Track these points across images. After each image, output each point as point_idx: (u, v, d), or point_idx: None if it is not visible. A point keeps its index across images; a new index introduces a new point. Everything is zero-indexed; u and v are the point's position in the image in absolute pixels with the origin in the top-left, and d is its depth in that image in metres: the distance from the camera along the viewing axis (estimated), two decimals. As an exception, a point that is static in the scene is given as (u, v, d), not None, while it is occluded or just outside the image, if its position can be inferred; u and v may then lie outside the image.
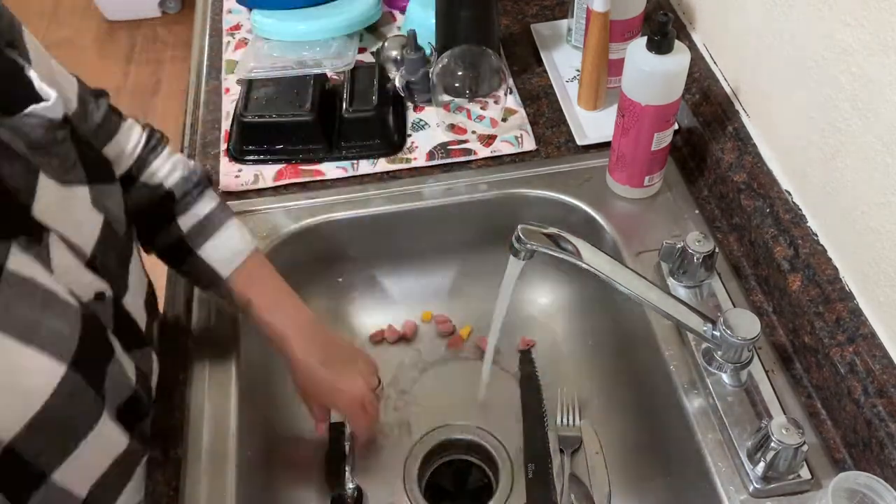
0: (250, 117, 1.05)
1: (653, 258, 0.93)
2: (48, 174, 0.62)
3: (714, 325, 0.78)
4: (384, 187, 1.04)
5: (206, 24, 1.32)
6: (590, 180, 1.03)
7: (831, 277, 0.80)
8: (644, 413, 0.95)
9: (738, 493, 0.75)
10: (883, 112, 0.70)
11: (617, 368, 1.02)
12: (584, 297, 1.08)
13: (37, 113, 0.61)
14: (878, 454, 0.71)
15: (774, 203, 0.88)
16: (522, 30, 1.26)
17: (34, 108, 0.61)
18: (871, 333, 0.75)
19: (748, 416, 0.78)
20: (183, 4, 3.14)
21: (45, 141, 0.62)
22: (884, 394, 0.71)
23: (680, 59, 0.87)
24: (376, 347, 1.09)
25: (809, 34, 0.80)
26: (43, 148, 0.62)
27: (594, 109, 1.11)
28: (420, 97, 1.13)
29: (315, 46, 1.22)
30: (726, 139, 0.97)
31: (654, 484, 0.92)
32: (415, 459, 0.97)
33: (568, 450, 0.96)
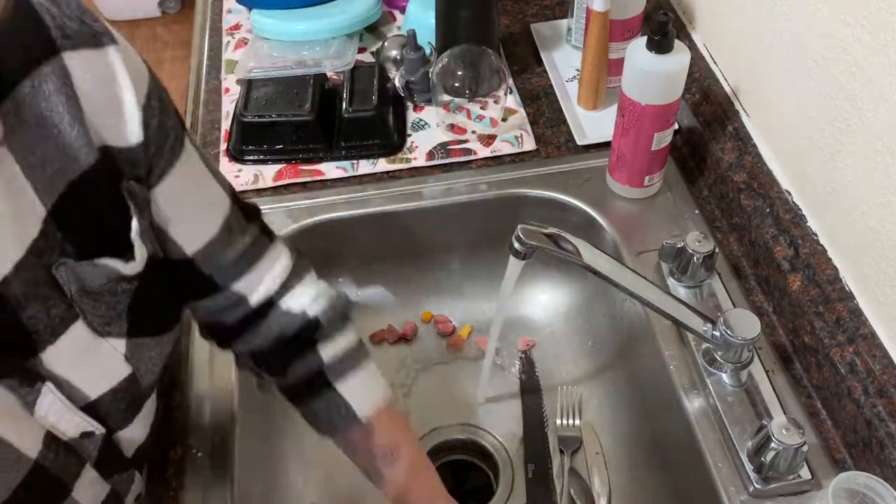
0: (250, 117, 1.05)
1: (653, 258, 0.93)
2: (86, 322, 0.55)
3: (714, 325, 0.78)
4: (384, 187, 1.04)
5: (206, 24, 1.32)
6: (590, 180, 1.03)
7: (831, 277, 0.80)
8: (644, 413, 0.95)
9: (738, 493, 0.75)
10: (883, 112, 0.70)
11: (617, 368, 1.02)
12: (584, 297, 1.08)
13: (106, 265, 0.55)
14: (878, 454, 0.71)
15: (774, 203, 0.88)
16: (522, 30, 1.26)
17: (107, 262, 0.55)
18: (871, 333, 0.75)
19: (748, 416, 0.78)
20: (183, 4, 3.14)
21: (102, 290, 0.55)
22: (884, 394, 0.71)
23: (680, 59, 0.87)
24: (376, 347, 1.09)
25: (809, 34, 0.80)
26: (94, 295, 0.55)
27: (594, 109, 1.11)
28: (420, 97, 1.13)
29: (315, 46, 1.22)
30: (726, 139, 0.97)
31: (655, 484, 0.92)
32: (415, 459, 0.97)
33: (568, 450, 0.96)
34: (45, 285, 0.52)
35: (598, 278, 0.75)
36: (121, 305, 0.57)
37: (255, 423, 0.90)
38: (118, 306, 0.57)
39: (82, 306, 0.55)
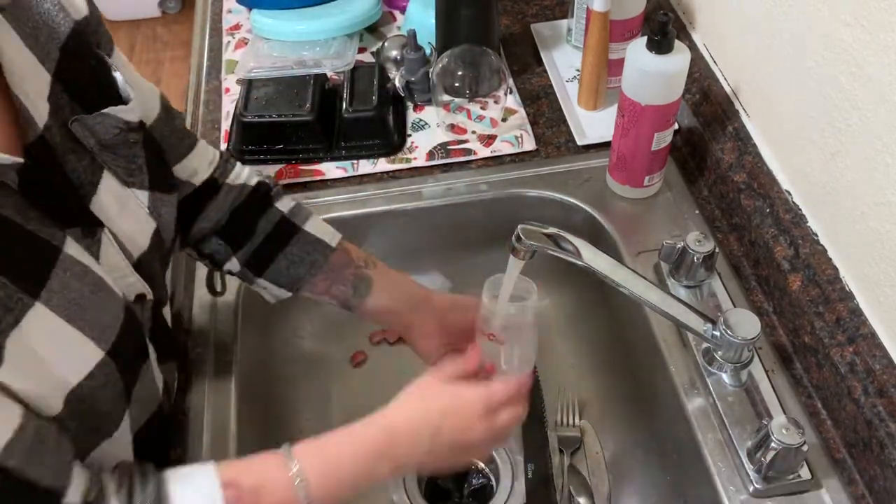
0: (250, 117, 1.05)
1: (653, 258, 0.93)
2: (112, 172, 0.64)
3: (714, 325, 0.78)
4: (384, 187, 1.04)
5: (206, 24, 1.33)
6: (590, 180, 1.03)
7: (831, 277, 0.80)
8: (644, 413, 0.95)
9: (738, 493, 0.75)
10: (883, 112, 0.70)
11: (617, 368, 1.02)
12: (584, 297, 1.08)
13: (113, 114, 0.63)
14: (878, 454, 0.71)
15: (774, 203, 0.88)
16: (522, 30, 1.26)
17: (112, 110, 0.63)
18: (871, 333, 0.75)
19: (748, 416, 0.78)
20: (183, 4, 3.14)
21: (116, 142, 0.64)
22: (884, 394, 0.71)
23: (680, 59, 0.87)
24: (376, 347, 1.09)
25: (809, 34, 0.80)
26: (112, 148, 0.64)
27: (594, 109, 1.11)
28: (420, 97, 1.13)
29: (315, 46, 1.22)
30: (726, 139, 0.97)
31: (655, 484, 0.92)
32: (415, 459, 0.97)
33: (568, 450, 0.96)
34: (70, 139, 0.61)
35: (598, 278, 0.75)
36: (138, 159, 0.66)
37: (254, 423, 0.90)
38: (136, 160, 0.66)
39: (104, 158, 0.64)
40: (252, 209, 0.81)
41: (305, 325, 1.09)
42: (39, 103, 0.59)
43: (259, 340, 0.99)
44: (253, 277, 0.83)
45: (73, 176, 0.61)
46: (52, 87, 0.61)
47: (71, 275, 0.57)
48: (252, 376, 0.92)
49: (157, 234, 0.69)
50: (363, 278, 0.83)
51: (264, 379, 0.98)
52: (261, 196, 0.82)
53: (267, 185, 0.83)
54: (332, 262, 0.82)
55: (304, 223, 0.82)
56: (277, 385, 1.01)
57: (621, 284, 0.75)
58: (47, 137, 0.59)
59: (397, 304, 0.84)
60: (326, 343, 1.09)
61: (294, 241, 0.81)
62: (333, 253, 0.82)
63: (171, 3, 3.11)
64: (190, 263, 0.98)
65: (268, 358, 1.02)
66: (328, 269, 0.82)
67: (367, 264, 0.83)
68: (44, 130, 0.59)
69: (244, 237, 0.81)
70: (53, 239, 0.57)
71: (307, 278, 0.82)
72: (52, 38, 0.62)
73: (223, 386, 0.86)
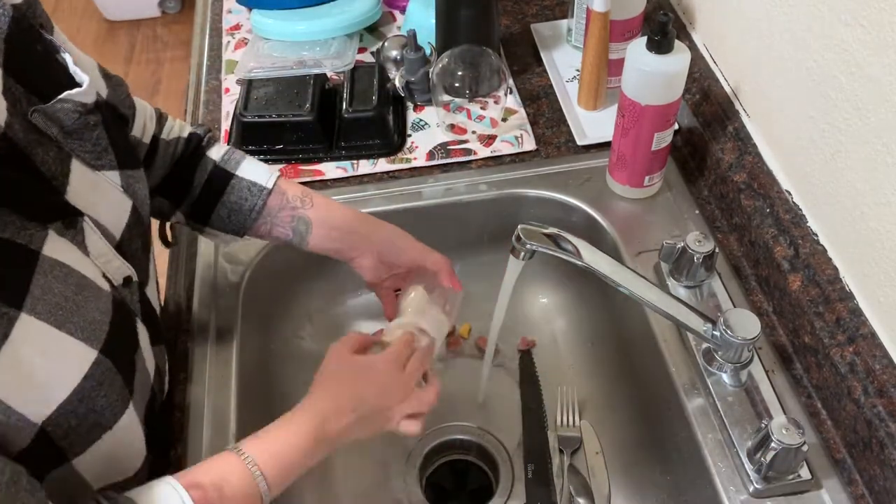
0: (250, 117, 1.05)
1: (653, 258, 0.93)
2: (80, 159, 0.64)
3: (714, 325, 0.78)
4: (384, 187, 1.04)
5: (206, 24, 1.33)
6: (590, 180, 1.03)
7: (831, 277, 0.80)
8: (644, 413, 0.95)
9: (738, 493, 0.75)
10: (883, 112, 0.70)
11: (617, 368, 1.02)
12: (584, 297, 1.08)
13: (70, 98, 0.62)
14: (878, 454, 0.71)
15: (774, 203, 0.88)
16: (522, 30, 1.26)
17: (68, 94, 0.62)
18: (871, 333, 0.75)
19: (748, 416, 0.78)
20: (183, 4, 3.14)
21: (78, 126, 0.63)
22: (884, 394, 0.71)
23: (680, 59, 0.87)
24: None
25: (809, 34, 0.80)
26: (75, 133, 0.63)
27: (594, 109, 1.11)
28: (420, 97, 1.13)
29: (315, 46, 1.22)
30: (726, 139, 0.97)
31: (655, 484, 0.92)
32: (415, 459, 0.97)
33: (568, 450, 0.96)
34: (33, 132, 0.60)
35: (598, 278, 0.75)
36: (103, 141, 0.66)
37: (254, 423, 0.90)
38: (101, 141, 0.66)
39: (70, 146, 0.63)
40: (187, 162, 0.82)
41: (305, 325, 1.09)
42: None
43: (259, 340, 0.99)
44: (200, 227, 0.85)
45: (44, 169, 0.60)
46: (4, 80, 0.59)
47: (52, 278, 0.57)
48: (252, 376, 0.92)
49: (134, 212, 0.69)
50: (301, 219, 0.84)
51: (264, 378, 0.98)
52: (194, 147, 0.83)
53: (198, 136, 0.84)
54: (269, 206, 0.83)
55: (237, 168, 0.83)
56: (277, 384, 1.01)
57: (621, 284, 0.75)
58: (10, 135, 0.58)
59: (337, 243, 0.86)
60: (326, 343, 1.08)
61: (229, 189, 0.82)
62: (270, 195, 0.83)
63: (171, 3, 3.11)
64: (190, 263, 0.98)
65: (268, 357, 1.02)
66: (266, 213, 0.83)
67: (303, 203, 0.84)
68: (5, 128, 0.57)
69: (183, 190, 0.82)
70: (31, 243, 0.57)
71: (249, 223, 0.83)
72: None
73: (223, 385, 0.86)
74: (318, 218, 0.84)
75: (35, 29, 0.64)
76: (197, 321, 0.92)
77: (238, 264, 0.97)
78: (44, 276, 0.56)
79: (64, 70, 0.65)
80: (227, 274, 0.97)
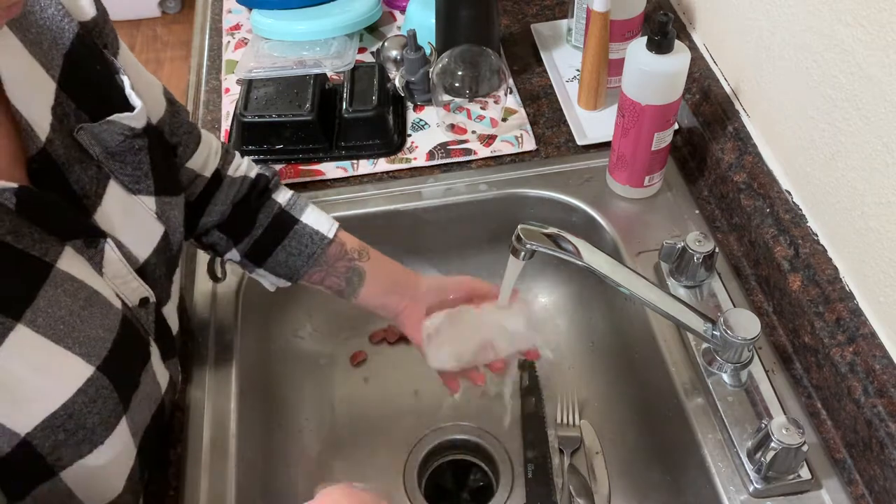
0: (250, 117, 1.05)
1: (653, 258, 0.93)
2: (118, 181, 0.64)
3: (714, 325, 0.78)
4: (384, 187, 1.04)
5: (206, 24, 1.33)
6: (590, 180, 1.03)
7: (831, 277, 0.80)
8: (644, 413, 0.95)
9: (738, 493, 0.75)
10: (883, 112, 0.70)
11: (617, 368, 1.02)
12: (584, 297, 1.08)
13: (118, 121, 0.63)
14: (878, 454, 0.71)
15: (774, 203, 0.88)
16: (522, 30, 1.26)
17: (118, 117, 0.63)
18: (871, 333, 0.75)
19: (748, 416, 0.78)
20: (183, 4, 3.14)
21: (122, 149, 0.64)
22: (884, 394, 0.71)
23: (680, 59, 0.87)
24: (376, 347, 1.09)
25: (809, 34, 0.80)
26: (118, 155, 0.64)
27: (594, 109, 1.11)
28: (420, 97, 1.13)
29: (315, 46, 1.22)
30: (726, 139, 0.97)
31: (654, 484, 0.92)
32: (415, 459, 0.97)
33: (568, 450, 0.96)
34: (75, 149, 0.60)
35: (598, 278, 0.75)
36: (144, 166, 0.66)
37: (254, 423, 0.90)
38: (142, 166, 0.66)
39: (111, 167, 0.63)
40: (252, 202, 0.82)
41: (305, 325, 1.09)
42: (42, 114, 0.58)
43: (259, 340, 0.99)
44: (253, 267, 0.84)
45: (77, 187, 0.60)
46: (57, 95, 0.60)
47: (62, 291, 0.57)
48: (252, 376, 0.92)
49: (164, 238, 0.69)
50: (356, 271, 0.84)
51: (264, 378, 0.98)
52: (261, 189, 0.83)
53: (266, 178, 0.84)
54: (327, 255, 0.83)
55: (302, 214, 0.83)
56: (277, 385, 1.01)
57: (621, 284, 0.75)
58: (49, 150, 0.58)
59: (388, 296, 0.86)
60: (326, 343, 1.09)
61: (292, 234, 0.82)
62: (330, 245, 0.83)
63: (171, 3, 3.11)
64: (190, 263, 0.98)
65: (268, 357, 1.02)
66: (323, 262, 0.83)
67: (360, 256, 0.85)
68: (45, 143, 0.58)
69: (244, 230, 0.82)
70: (46, 255, 0.57)
71: (304, 269, 0.83)
72: (55, 44, 0.61)
73: (223, 385, 0.86)
74: (372, 270, 0.85)
75: (97, 48, 0.65)
76: (197, 321, 0.92)
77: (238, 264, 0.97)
78: (53, 288, 0.57)
79: (119, 92, 0.65)
80: (227, 274, 0.97)
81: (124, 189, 0.65)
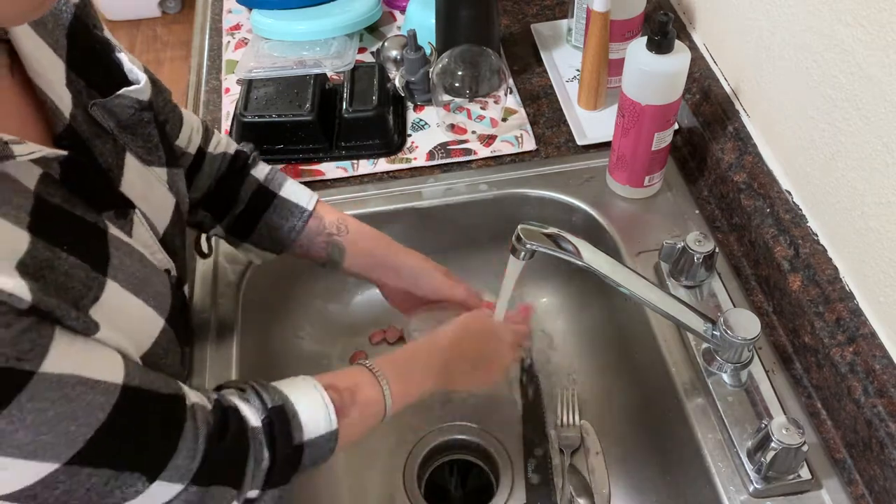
0: (250, 117, 1.05)
1: (653, 258, 0.93)
2: (133, 153, 0.67)
3: (714, 325, 0.78)
4: (384, 187, 1.04)
5: (206, 24, 1.33)
6: (590, 180, 1.03)
7: (831, 277, 0.80)
8: (644, 413, 0.95)
9: (738, 493, 0.75)
10: (883, 112, 0.70)
11: (617, 368, 1.02)
12: (584, 297, 1.08)
13: (128, 94, 0.65)
14: (878, 454, 0.71)
15: (774, 203, 0.88)
16: (522, 30, 1.26)
17: (126, 90, 0.65)
18: (871, 333, 0.75)
19: (748, 416, 0.78)
20: (183, 4, 3.14)
21: (133, 121, 0.66)
22: (884, 394, 0.71)
23: (680, 59, 0.87)
24: (376, 347, 1.09)
25: (809, 34, 0.80)
26: (130, 128, 0.66)
27: (594, 109, 1.11)
28: (420, 97, 1.13)
29: (315, 46, 1.22)
30: (726, 139, 0.97)
31: (655, 484, 0.92)
32: (415, 459, 0.97)
33: (568, 450, 0.96)
34: (93, 124, 0.62)
35: (598, 278, 0.75)
36: (154, 138, 0.69)
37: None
38: (152, 138, 0.69)
39: (125, 140, 0.66)
40: (233, 178, 0.84)
41: (305, 325, 1.09)
42: (61, 92, 0.60)
43: (259, 340, 0.99)
44: (238, 241, 0.87)
45: (101, 160, 0.63)
46: (68, 74, 0.62)
47: (123, 252, 0.60)
48: (252, 375, 0.91)
49: (177, 209, 0.72)
50: (335, 245, 0.87)
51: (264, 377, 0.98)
52: (240, 165, 0.85)
53: (245, 154, 0.86)
54: (307, 228, 0.85)
55: (280, 189, 0.85)
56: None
57: (621, 284, 0.75)
58: (74, 125, 0.60)
59: (368, 271, 0.89)
60: (326, 343, 1.09)
61: (272, 208, 0.85)
62: (311, 217, 0.85)
63: (171, 3, 3.11)
64: (190, 262, 0.98)
65: (268, 357, 1.02)
66: (304, 235, 0.86)
67: (339, 230, 0.87)
68: (70, 119, 0.60)
69: (226, 206, 0.84)
70: (99, 222, 0.59)
71: (287, 242, 0.86)
72: (58, 25, 0.63)
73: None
74: (351, 246, 0.87)
75: (91, 29, 0.67)
76: (197, 321, 0.92)
77: (238, 264, 0.97)
78: (116, 249, 0.59)
79: (119, 69, 0.67)
80: (227, 273, 0.97)
81: (139, 160, 0.67)
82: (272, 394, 0.66)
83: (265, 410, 0.64)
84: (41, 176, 0.55)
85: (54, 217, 0.55)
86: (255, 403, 0.64)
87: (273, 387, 0.67)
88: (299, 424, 0.65)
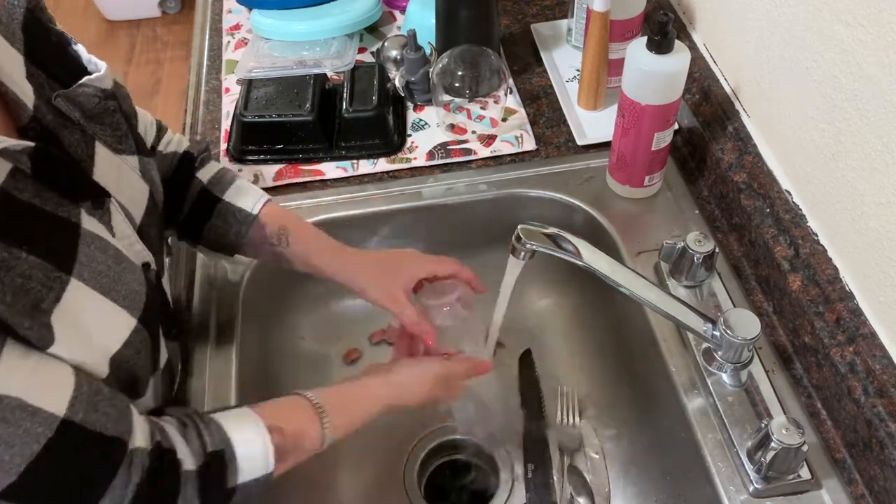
0: (250, 117, 1.05)
1: (653, 258, 0.93)
2: (103, 142, 0.66)
3: (714, 325, 0.78)
4: (384, 187, 1.04)
5: (206, 24, 1.33)
6: (590, 180, 1.03)
7: (831, 277, 0.80)
8: (644, 413, 0.95)
9: (738, 493, 0.75)
10: (883, 112, 0.70)
11: (617, 368, 1.02)
12: (585, 297, 1.08)
13: (90, 83, 0.65)
14: (878, 454, 0.71)
15: (774, 203, 0.88)
16: (522, 30, 1.26)
17: (88, 79, 0.65)
18: (871, 333, 0.75)
19: (748, 416, 0.78)
20: (183, 4, 3.14)
21: (99, 110, 0.66)
22: (884, 394, 0.71)
23: (680, 59, 0.87)
24: (376, 347, 1.09)
25: (809, 34, 0.80)
26: (97, 117, 0.65)
27: (594, 109, 1.11)
28: (420, 97, 1.13)
29: (315, 46, 1.22)
30: (726, 139, 0.97)
31: (655, 484, 0.92)
32: (415, 459, 0.97)
33: (568, 450, 0.96)
34: (58, 116, 0.62)
35: (598, 278, 0.75)
36: (122, 126, 0.68)
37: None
38: (121, 126, 0.68)
39: (93, 129, 0.65)
40: (178, 180, 0.83)
41: (305, 325, 1.09)
42: (22, 84, 0.60)
43: (259, 339, 0.99)
44: (193, 243, 0.86)
45: (72, 150, 0.62)
46: (27, 66, 0.61)
47: (95, 248, 0.59)
48: (252, 375, 0.92)
49: (151, 197, 0.71)
50: (279, 256, 0.85)
51: (264, 378, 0.98)
52: (186, 166, 0.83)
53: (191, 155, 0.84)
54: (251, 236, 0.83)
55: (225, 192, 0.83)
56: (277, 384, 1.01)
57: (621, 284, 0.75)
58: (39, 116, 0.60)
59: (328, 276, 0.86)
60: (326, 342, 1.09)
61: (216, 213, 0.83)
62: (254, 223, 0.83)
63: (171, 3, 3.11)
64: (190, 263, 0.98)
65: (268, 357, 1.02)
66: (249, 242, 0.84)
67: (279, 241, 0.84)
68: (34, 110, 0.59)
69: (174, 208, 0.82)
70: (71, 216, 0.58)
71: (236, 246, 0.84)
72: (12, 19, 0.63)
73: (223, 384, 0.86)
74: (296, 259, 0.85)
75: (44, 22, 0.66)
76: (197, 321, 0.92)
77: (238, 264, 0.97)
78: (87, 245, 0.58)
79: (76, 61, 0.67)
80: (227, 273, 0.97)
81: (110, 150, 0.66)
82: (214, 435, 0.63)
83: (203, 456, 0.62)
84: (10, 171, 0.54)
85: (19, 214, 0.54)
86: (193, 445, 0.62)
87: (218, 425, 0.64)
88: (236, 469, 0.63)
